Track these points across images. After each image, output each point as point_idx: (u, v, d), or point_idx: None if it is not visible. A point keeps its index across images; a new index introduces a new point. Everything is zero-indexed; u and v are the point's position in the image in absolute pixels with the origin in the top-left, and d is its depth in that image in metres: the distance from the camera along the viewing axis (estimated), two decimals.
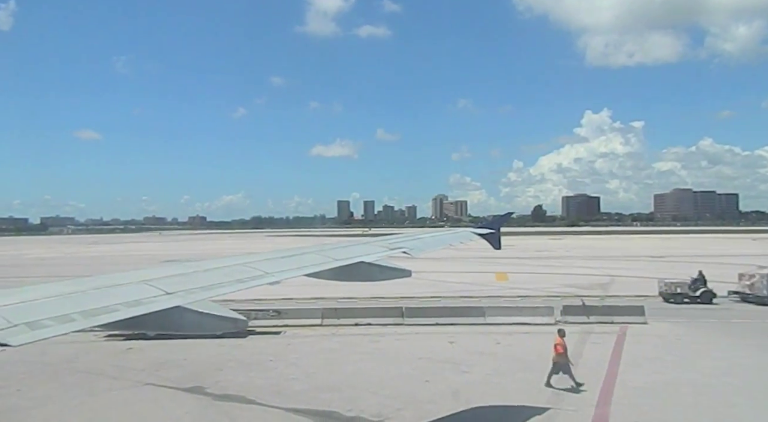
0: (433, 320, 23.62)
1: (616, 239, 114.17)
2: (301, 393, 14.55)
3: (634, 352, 18.19)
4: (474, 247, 17.49)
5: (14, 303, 3.97)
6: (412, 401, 13.81)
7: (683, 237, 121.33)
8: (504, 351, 18.89)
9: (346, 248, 7.92)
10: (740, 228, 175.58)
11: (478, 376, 15.91)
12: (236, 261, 6.15)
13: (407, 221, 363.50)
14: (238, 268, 5.85)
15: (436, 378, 15.79)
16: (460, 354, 18.41)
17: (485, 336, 21.08)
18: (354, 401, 13.87)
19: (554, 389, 14.28)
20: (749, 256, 52.38)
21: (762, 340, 20.20)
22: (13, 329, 3.54)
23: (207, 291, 4.98)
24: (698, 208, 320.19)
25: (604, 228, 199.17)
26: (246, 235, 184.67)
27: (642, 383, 14.43)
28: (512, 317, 23.65)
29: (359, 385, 15.19)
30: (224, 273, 5.58)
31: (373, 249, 7.95)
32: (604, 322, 22.76)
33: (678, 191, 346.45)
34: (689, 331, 21.62)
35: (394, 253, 7.98)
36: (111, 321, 4.08)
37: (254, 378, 15.99)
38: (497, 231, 11.64)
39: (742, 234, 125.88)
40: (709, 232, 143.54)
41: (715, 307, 27.16)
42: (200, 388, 15.10)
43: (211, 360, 18.05)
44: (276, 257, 6.79)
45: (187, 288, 4.91)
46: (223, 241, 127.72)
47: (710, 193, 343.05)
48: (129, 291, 4.61)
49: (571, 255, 64.76)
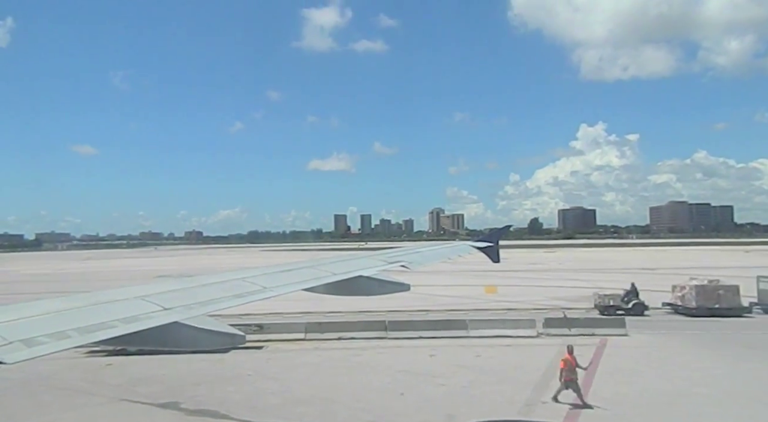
0: (416, 333, 23.68)
1: (610, 251, 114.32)
2: (275, 407, 14.60)
3: (610, 364, 18.29)
4: (470, 261, 17.61)
5: (10, 320, 3.88)
6: (384, 413, 13.89)
7: (677, 249, 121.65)
8: (483, 363, 18.96)
9: (344, 262, 7.84)
10: (734, 240, 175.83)
11: (454, 388, 15.98)
12: (234, 276, 6.12)
13: (404, 235, 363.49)
14: (235, 283, 5.81)
15: (411, 390, 15.85)
16: (439, 367, 18.48)
17: (466, 348, 21.15)
18: (326, 414, 13.95)
19: (562, 403, 14.10)
20: (737, 268, 52.60)
21: (738, 350, 20.34)
22: (9, 346, 3.46)
23: (204, 307, 4.92)
24: (693, 220, 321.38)
25: (599, 241, 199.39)
26: (241, 250, 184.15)
27: (614, 393, 14.53)
28: (495, 330, 23.73)
29: (335, 398, 15.25)
30: (222, 289, 5.53)
31: (371, 263, 7.91)
32: (585, 334, 22.87)
33: (673, 204, 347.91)
34: (668, 343, 21.75)
35: (393, 267, 7.98)
36: (108, 338, 4.02)
37: (231, 393, 16.02)
38: (495, 245, 11.67)
39: (736, 246, 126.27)
40: (703, 244, 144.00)
41: (700, 320, 27.34)
42: (175, 404, 15.12)
43: (190, 375, 18.06)
44: (274, 271, 6.74)
45: (185, 304, 4.87)
46: (216, 256, 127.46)
47: (705, 205, 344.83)
48: (126, 307, 4.57)
49: (563, 268, 64.86)
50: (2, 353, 3.31)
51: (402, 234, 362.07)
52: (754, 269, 39.41)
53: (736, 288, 28.56)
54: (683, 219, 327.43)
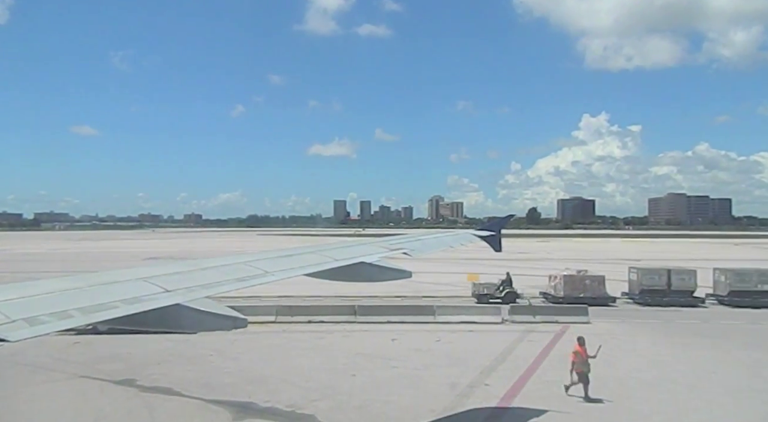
0: (384, 318, 24.13)
1: (603, 242, 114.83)
2: (228, 386, 15.04)
3: (563, 349, 18.64)
4: (468, 249, 17.78)
5: (13, 298, 3.95)
6: (331, 392, 14.34)
7: (670, 241, 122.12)
8: (440, 347, 19.41)
9: (346, 248, 7.87)
10: (730, 233, 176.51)
11: (405, 371, 16.43)
12: (236, 260, 6.17)
13: (403, 222, 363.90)
14: (238, 267, 5.87)
15: (363, 372, 16.30)
16: (397, 351, 18.92)
17: (430, 333, 21.60)
18: (276, 392, 14.39)
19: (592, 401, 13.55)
20: (720, 260, 52.94)
21: (692, 339, 20.80)
22: (12, 325, 3.52)
23: (206, 290, 4.95)
24: (692, 213, 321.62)
25: (595, 232, 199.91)
26: (238, 234, 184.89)
27: (555, 378, 14.93)
28: (461, 316, 24.20)
29: (288, 378, 15.70)
30: (224, 272, 5.59)
31: (373, 249, 7.86)
32: (548, 322, 23.32)
33: (672, 196, 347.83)
34: (628, 330, 22.21)
35: (394, 254, 7.93)
36: (109, 318, 4.08)
37: (188, 372, 16.47)
38: (498, 234, 11.65)
39: (730, 240, 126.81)
40: (698, 237, 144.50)
41: (660, 310, 27.84)
42: (132, 381, 15.56)
43: (154, 354, 18.48)
44: (276, 256, 6.76)
45: (187, 286, 4.89)
46: (212, 240, 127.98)
47: (704, 197, 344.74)
48: (128, 288, 4.61)
49: (551, 258, 65.24)
50: (5, 331, 3.42)
51: (401, 222, 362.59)
52: (727, 262, 39.90)
53: (602, 278, 29.92)
54: (681, 212, 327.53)
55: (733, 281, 29.14)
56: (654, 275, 29.82)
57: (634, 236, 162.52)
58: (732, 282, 29.08)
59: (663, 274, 29.55)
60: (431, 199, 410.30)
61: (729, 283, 29.12)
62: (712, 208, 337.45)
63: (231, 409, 13.21)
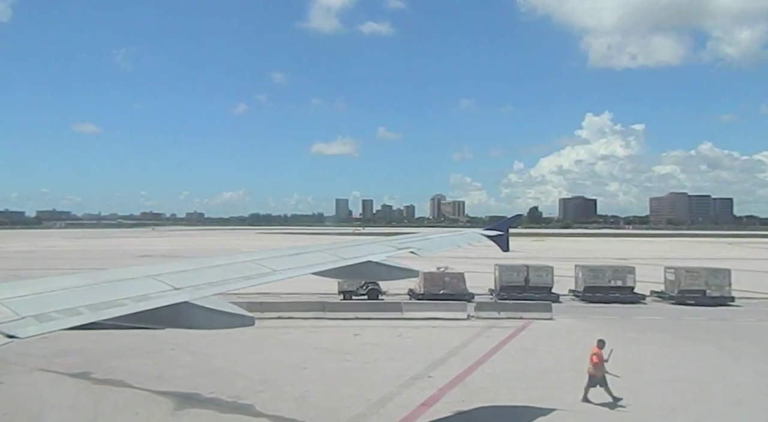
0: (353, 314, 24.49)
1: (598, 241, 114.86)
2: (179, 378, 15.42)
3: (518, 344, 19.09)
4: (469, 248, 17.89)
5: (23, 295, 4.02)
6: (276, 384, 14.73)
7: (666, 240, 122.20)
8: (399, 342, 19.77)
9: (354, 247, 7.88)
10: (729, 233, 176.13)
11: (356, 364, 16.80)
12: (244, 258, 6.26)
13: (405, 220, 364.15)
14: (245, 265, 5.94)
15: (315, 365, 16.67)
16: (355, 345, 19.27)
17: (393, 329, 21.94)
18: (224, 384, 14.76)
19: (591, 403, 13.09)
20: (708, 260, 53.15)
21: (642, 334, 21.15)
22: (21, 321, 3.58)
23: (214, 287, 5.00)
24: (693, 212, 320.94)
25: (594, 231, 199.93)
26: (237, 233, 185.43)
27: (499, 370, 15.31)
28: (428, 312, 24.53)
29: (239, 371, 16.06)
30: (232, 270, 5.67)
31: (380, 248, 7.86)
32: (513, 318, 23.63)
33: (673, 195, 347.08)
34: (588, 326, 22.49)
35: (402, 253, 7.95)
36: (118, 316, 4.14)
37: (145, 365, 16.84)
38: (506, 233, 11.65)
39: (726, 239, 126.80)
40: (695, 236, 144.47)
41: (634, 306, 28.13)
42: (87, 374, 15.94)
43: (117, 349, 18.85)
44: (284, 255, 6.80)
45: (195, 284, 4.93)
46: (209, 238, 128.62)
47: (705, 197, 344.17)
48: (137, 285, 4.67)
49: (540, 257, 65.43)
50: (15, 327, 3.49)
51: (403, 220, 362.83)
52: (697, 261, 40.14)
53: (461, 275, 30.35)
54: (682, 211, 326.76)
55: (587, 277, 30.01)
56: (513, 272, 30.46)
57: (634, 235, 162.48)
58: (587, 279, 29.97)
59: (522, 271, 30.25)
60: (433, 198, 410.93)
61: (584, 279, 30.03)
62: (713, 207, 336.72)
63: (175, 400, 13.58)
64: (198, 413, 12.85)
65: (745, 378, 15.60)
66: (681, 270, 30.20)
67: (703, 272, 29.89)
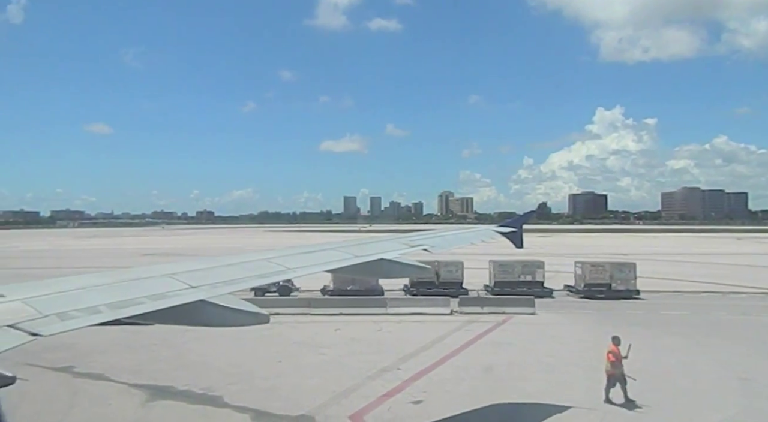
0: (337, 310, 24.91)
1: (605, 237, 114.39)
2: (157, 372, 15.92)
3: (494, 338, 19.39)
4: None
5: (45, 294, 4.15)
6: (249, 377, 15.19)
7: (673, 235, 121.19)
8: (377, 337, 20.14)
9: (367, 245, 7.93)
10: (741, 228, 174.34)
11: (330, 358, 17.22)
12: (259, 257, 6.36)
13: (413, 217, 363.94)
14: (260, 263, 6.03)
15: (290, 359, 17.09)
16: (334, 340, 19.68)
17: (375, 324, 22.33)
18: (199, 377, 15.22)
19: (613, 404, 12.69)
20: (712, 255, 52.97)
21: (634, 329, 21.25)
22: (44, 319, 3.72)
23: (230, 286, 5.11)
24: (706, 207, 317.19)
25: (602, 227, 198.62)
26: (245, 231, 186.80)
27: (467, 363, 15.63)
28: (412, 307, 24.89)
29: (217, 365, 16.52)
30: (247, 269, 5.78)
31: (393, 246, 7.94)
32: (495, 313, 23.90)
33: (686, 190, 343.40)
34: (568, 321, 22.73)
35: (415, 250, 8.01)
36: (136, 313, 4.26)
37: (126, 360, 17.38)
38: (519, 230, 11.49)
39: (737, 234, 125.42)
40: (707, 231, 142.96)
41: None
42: (70, 368, 16.50)
43: (104, 344, 19.34)
44: (298, 253, 6.88)
45: (211, 283, 5.04)
46: (216, 237, 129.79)
47: (719, 191, 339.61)
48: (154, 284, 4.79)
49: (539, 253, 65.44)
50: (38, 326, 3.62)
51: (411, 217, 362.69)
52: (708, 256, 39.90)
53: None
54: (695, 206, 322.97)
55: (498, 272, 30.39)
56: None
57: (639, 231, 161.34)
58: (497, 273, 30.37)
59: (434, 266, 29.93)
60: (441, 195, 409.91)
61: (495, 274, 30.45)
62: (727, 202, 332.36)
63: (148, 392, 14.08)
64: (168, 404, 13.33)
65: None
66: (587, 265, 30.45)
67: (608, 266, 30.19)
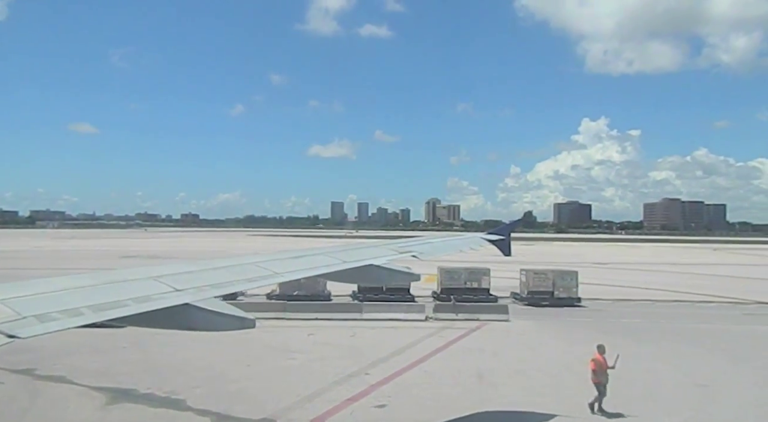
0: (312, 315, 24.78)
1: (585, 246, 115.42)
2: (122, 375, 15.68)
3: (465, 344, 19.46)
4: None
5: (24, 295, 4.03)
6: (215, 380, 15.06)
7: (651, 246, 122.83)
8: (350, 342, 20.08)
9: (356, 250, 7.95)
10: (719, 239, 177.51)
11: (299, 362, 17.13)
12: (247, 261, 6.26)
13: (400, 224, 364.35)
14: (248, 267, 5.94)
15: (259, 363, 16.97)
16: (306, 344, 19.58)
17: (348, 329, 22.25)
18: (164, 380, 15.04)
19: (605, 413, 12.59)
20: (681, 265, 53.84)
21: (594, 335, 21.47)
22: (23, 321, 3.59)
23: (216, 289, 5.02)
24: (686, 218, 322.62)
25: (584, 236, 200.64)
26: (229, 234, 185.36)
27: (435, 368, 15.69)
28: (387, 313, 24.85)
29: (184, 368, 16.33)
30: (234, 272, 5.69)
31: (382, 252, 7.93)
32: (470, 319, 23.97)
33: (667, 201, 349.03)
34: (541, 328, 22.87)
35: (404, 257, 8.03)
36: (119, 316, 4.16)
37: (92, 362, 17.09)
38: (507, 238, 11.49)
39: (714, 245, 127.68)
40: (685, 242, 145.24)
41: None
42: (31, 370, 16.16)
43: (72, 346, 18.95)
44: (286, 257, 6.84)
45: (197, 286, 4.96)
46: (198, 240, 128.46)
47: (699, 203, 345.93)
48: (139, 286, 4.70)
49: (518, 261, 65.94)
50: (16, 328, 3.49)
51: (398, 224, 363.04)
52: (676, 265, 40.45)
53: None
54: (676, 217, 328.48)
55: (444, 279, 30.75)
56: None
57: (624, 240, 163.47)
58: (443, 280, 30.73)
59: None
60: (428, 202, 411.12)
61: (442, 281, 30.87)
62: (707, 213, 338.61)
63: (109, 395, 13.87)
64: (128, 407, 13.13)
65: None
66: (530, 272, 30.79)
67: (551, 274, 30.53)
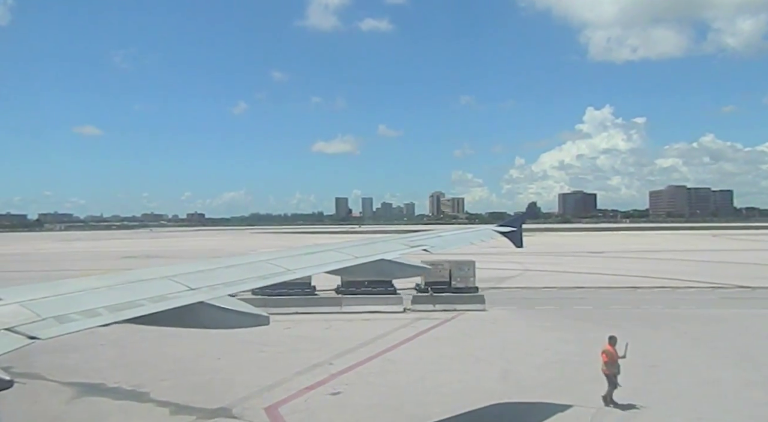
0: (292, 309, 25.16)
1: (587, 236, 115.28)
2: (94, 371, 16.14)
3: (435, 334, 19.84)
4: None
5: (43, 297, 4.17)
6: (182, 373, 15.52)
7: (656, 233, 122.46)
8: (324, 334, 20.48)
9: (367, 245, 7.98)
10: (723, 225, 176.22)
11: (269, 354, 17.56)
12: (259, 258, 6.38)
13: (405, 218, 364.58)
14: (260, 265, 6.04)
15: (231, 356, 17.36)
16: (279, 337, 19.92)
17: (326, 322, 22.65)
18: (133, 375, 15.49)
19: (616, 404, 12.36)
20: (679, 251, 53.75)
21: (569, 323, 21.77)
22: (42, 322, 3.73)
23: (229, 288, 5.13)
24: (692, 205, 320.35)
25: (590, 226, 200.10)
26: (234, 233, 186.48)
27: (399, 357, 16.06)
28: (366, 306, 25.20)
29: (154, 363, 16.80)
30: (247, 270, 5.80)
31: (393, 246, 8.00)
32: (447, 310, 24.29)
33: (672, 188, 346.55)
34: (515, 317, 23.16)
35: (415, 251, 8.06)
36: (136, 316, 4.27)
37: (68, 360, 17.45)
38: (519, 229, 11.27)
39: (717, 231, 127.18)
40: (689, 229, 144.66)
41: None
42: (8, 368, 16.55)
43: (50, 345, 19.34)
44: (298, 254, 6.91)
45: (210, 284, 5.07)
46: (202, 239, 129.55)
47: (705, 189, 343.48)
48: (154, 286, 4.81)
49: (516, 251, 66.10)
50: (36, 329, 3.64)
51: (403, 218, 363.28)
52: (665, 252, 40.45)
53: None
54: (682, 204, 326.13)
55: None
56: None
57: (628, 229, 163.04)
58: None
59: None
60: (432, 195, 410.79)
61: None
62: (713, 199, 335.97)
63: (76, 389, 14.34)
64: (93, 401, 13.59)
65: None
66: (428, 263, 30.44)
67: (447, 264, 30.30)
